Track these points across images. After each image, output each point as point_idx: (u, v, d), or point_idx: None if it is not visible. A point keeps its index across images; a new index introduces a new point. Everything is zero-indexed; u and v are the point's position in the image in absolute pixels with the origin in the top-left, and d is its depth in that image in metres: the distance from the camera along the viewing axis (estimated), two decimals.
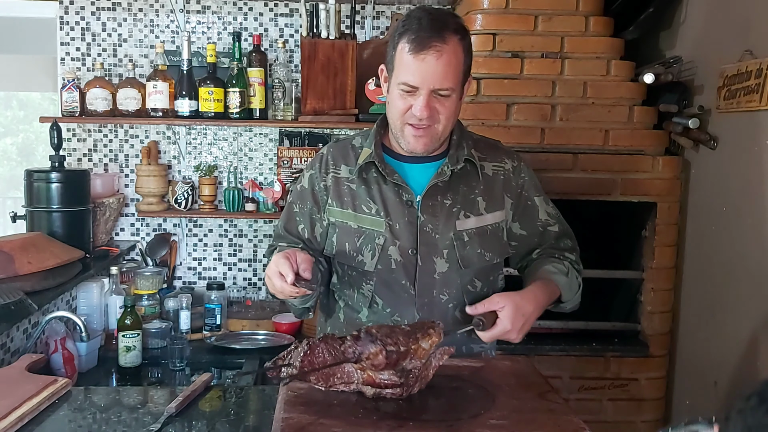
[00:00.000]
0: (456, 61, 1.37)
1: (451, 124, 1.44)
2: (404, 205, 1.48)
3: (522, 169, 1.57)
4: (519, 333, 1.36)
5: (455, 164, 1.48)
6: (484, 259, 1.50)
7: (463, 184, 1.50)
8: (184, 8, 2.85)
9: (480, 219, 1.50)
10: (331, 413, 1.07)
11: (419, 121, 1.39)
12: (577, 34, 2.33)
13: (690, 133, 2.24)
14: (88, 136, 2.89)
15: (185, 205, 2.77)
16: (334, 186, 1.54)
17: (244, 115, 2.64)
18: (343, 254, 1.52)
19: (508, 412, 1.10)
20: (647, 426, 2.39)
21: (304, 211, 1.57)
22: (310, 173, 1.58)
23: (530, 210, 1.57)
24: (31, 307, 1.81)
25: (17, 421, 1.32)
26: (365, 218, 1.50)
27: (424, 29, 1.36)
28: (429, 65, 1.35)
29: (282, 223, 1.62)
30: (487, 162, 1.54)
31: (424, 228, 1.48)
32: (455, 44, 1.37)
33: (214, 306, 2.59)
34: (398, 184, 1.48)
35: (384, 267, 1.48)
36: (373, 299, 1.51)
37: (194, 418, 1.42)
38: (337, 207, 1.53)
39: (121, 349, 2.21)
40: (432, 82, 1.36)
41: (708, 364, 2.17)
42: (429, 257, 1.48)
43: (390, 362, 1.09)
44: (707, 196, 2.24)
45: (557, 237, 1.59)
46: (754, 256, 1.93)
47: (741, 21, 2.02)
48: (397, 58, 1.41)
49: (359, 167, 1.50)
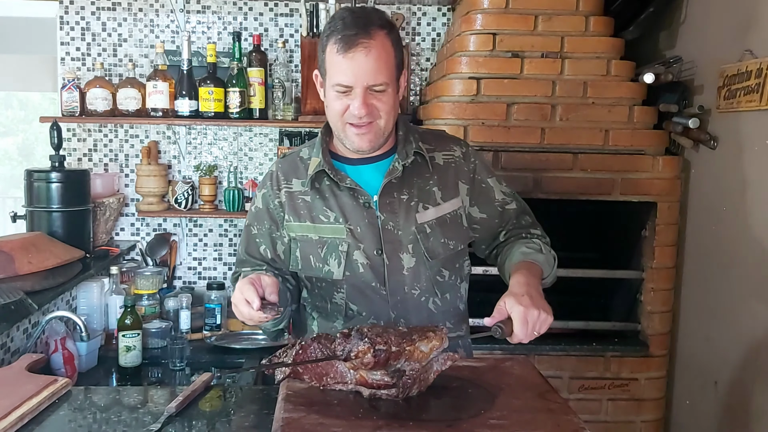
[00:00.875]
0: (386, 55, 1.37)
1: (392, 118, 1.44)
2: (362, 207, 1.48)
3: (471, 153, 1.59)
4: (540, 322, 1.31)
5: (405, 159, 1.48)
6: (448, 248, 1.51)
7: (416, 177, 1.51)
8: (184, 8, 2.85)
9: (438, 209, 1.51)
10: (331, 413, 1.07)
11: (359, 120, 1.39)
12: (577, 34, 2.33)
13: (690, 133, 2.24)
14: (88, 136, 2.89)
15: (185, 205, 2.77)
16: (289, 201, 1.53)
17: (244, 115, 2.64)
18: (308, 267, 1.52)
19: (508, 412, 1.10)
20: (647, 426, 2.39)
21: (263, 232, 1.56)
22: (263, 192, 1.57)
23: (486, 192, 1.58)
24: (31, 307, 1.80)
25: (17, 421, 1.32)
26: (325, 227, 1.49)
27: (348, 27, 1.36)
28: (359, 62, 1.35)
29: (243, 248, 1.61)
30: (436, 152, 1.55)
31: (386, 226, 1.47)
32: (382, 38, 1.37)
33: (214, 306, 2.59)
34: (352, 188, 1.47)
35: (352, 273, 1.48)
36: (347, 306, 1.50)
37: (194, 418, 1.42)
38: (295, 221, 1.52)
39: (121, 349, 2.21)
40: (365, 79, 1.36)
41: (708, 364, 2.17)
42: (395, 255, 1.48)
43: (379, 361, 1.08)
44: (707, 196, 2.24)
45: (517, 215, 1.60)
46: (754, 256, 1.93)
47: (741, 21, 2.02)
48: (327, 60, 1.40)
49: (310, 178, 1.50)
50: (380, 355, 1.08)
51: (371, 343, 1.08)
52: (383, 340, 1.09)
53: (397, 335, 1.12)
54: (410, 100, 2.88)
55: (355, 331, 1.12)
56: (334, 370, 1.12)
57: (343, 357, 1.10)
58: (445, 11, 2.93)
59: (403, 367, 1.11)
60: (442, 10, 2.92)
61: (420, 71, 2.94)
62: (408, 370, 1.11)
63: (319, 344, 1.13)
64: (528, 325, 1.29)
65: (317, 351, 1.13)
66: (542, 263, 1.50)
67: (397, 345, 1.10)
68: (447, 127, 2.26)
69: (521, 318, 1.29)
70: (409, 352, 1.11)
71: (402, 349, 1.10)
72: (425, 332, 1.14)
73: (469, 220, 1.57)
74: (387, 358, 1.09)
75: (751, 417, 1.94)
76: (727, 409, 2.06)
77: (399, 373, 1.11)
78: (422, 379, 1.13)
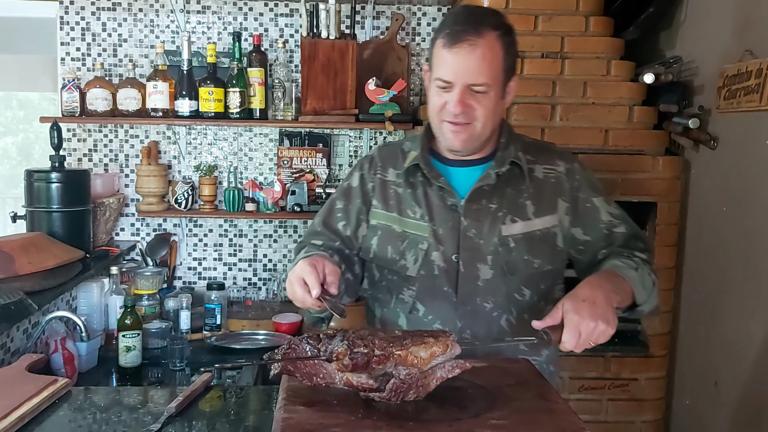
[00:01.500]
0: (491, 56, 1.33)
1: (491, 123, 1.39)
2: (448, 209, 1.44)
3: (577, 170, 1.50)
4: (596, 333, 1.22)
5: (500, 167, 1.43)
6: (531, 266, 1.44)
7: (510, 188, 1.45)
8: (184, 8, 2.85)
9: (528, 224, 1.44)
10: (331, 413, 1.07)
11: (455, 117, 1.36)
12: (577, 34, 2.33)
13: (690, 133, 2.24)
14: (88, 136, 2.89)
15: (185, 205, 2.77)
16: (381, 188, 1.51)
17: (244, 115, 2.64)
18: (383, 258, 1.49)
19: (508, 412, 1.10)
20: (647, 426, 2.39)
21: (349, 209, 1.53)
22: (360, 173, 1.54)
23: (591, 212, 1.48)
24: (31, 307, 1.80)
25: (17, 421, 1.32)
26: (410, 222, 1.47)
27: (458, 23, 1.34)
28: (462, 59, 1.32)
29: (320, 218, 1.56)
30: (537, 165, 1.48)
31: (467, 233, 1.43)
32: (491, 39, 1.33)
33: (214, 306, 2.59)
34: (443, 187, 1.44)
35: (427, 273, 1.44)
36: (414, 306, 1.47)
37: (194, 418, 1.42)
38: (381, 209, 1.50)
39: (121, 349, 2.21)
40: (465, 76, 1.33)
41: (708, 364, 2.17)
42: (472, 263, 1.43)
43: (358, 364, 1.07)
44: (707, 196, 2.24)
45: (626, 239, 1.48)
46: (754, 256, 1.93)
47: (741, 21, 2.02)
48: (434, 54, 1.38)
49: (406, 170, 1.48)
50: (358, 358, 1.07)
51: (350, 346, 1.08)
52: (365, 344, 1.08)
53: (386, 339, 1.11)
54: (410, 100, 2.88)
55: (340, 332, 1.12)
56: (323, 370, 1.12)
57: (326, 358, 1.10)
58: (445, 11, 2.92)
59: (394, 372, 1.10)
60: (442, 10, 2.92)
61: (420, 71, 2.94)
62: (404, 375, 1.10)
63: (308, 343, 1.13)
64: (580, 335, 1.21)
65: (306, 350, 1.12)
66: (632, 280, 1.36)
67: (382, 349, 1.08)
68: None
69: (574, 328, 1.21)
70: (400, 356, 1.09)
71: (388, 353, 1.08)
72: (423, 338, 1.12)
73: (572, 242, 1.49)
74: (367, 361, 1.08)
75: (751, 417, 1.94)
76: (727, 409, 2.06)
77: (386, 377, 1.09)
78: (421, 385, 1.12)
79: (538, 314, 1.34)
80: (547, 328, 1.25)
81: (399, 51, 2.82)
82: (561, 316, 1.24)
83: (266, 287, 2.96)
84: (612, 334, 1.24)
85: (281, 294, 2.92)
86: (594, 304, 1.24)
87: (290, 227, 2.99)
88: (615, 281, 1.34)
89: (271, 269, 3.00)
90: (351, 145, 2.96)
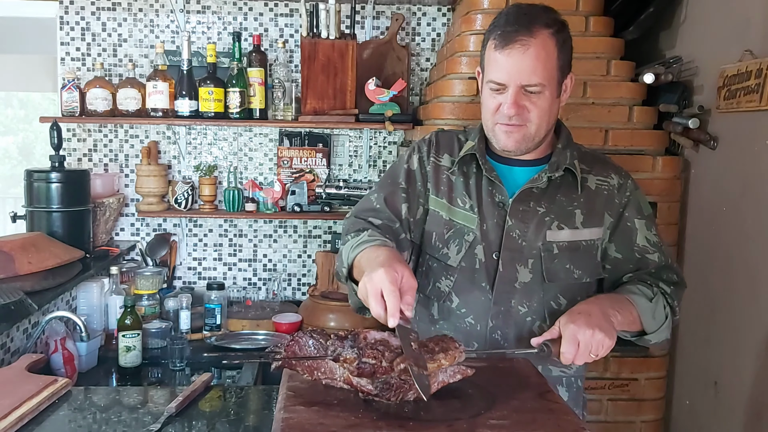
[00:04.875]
0: (545, 56, 1.31)
1: (546, 123, 1.37)
2: (496, 205, 1.43)
3: (628, 187, 1.46)
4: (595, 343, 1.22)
5: (554, 171, 1.40)
6: (572, 276, 1.42)
7: (561, 194, 1.43)
8: (184, 8, 2.85)
9: (575, 233, 1.42)
10: (331, 413, 1.07)
11: (509, 119, 1.34)
12: (577, 34, 2.30)
13: (690, 133, 2.24)
14: (88, 136, 2.89)
15: (185, 205, 2.77)
16: (434, 173, 1.49)
17: (244, 115, 2.64)
18: (427, 243, 1.48)
19: (508, 412, 1.10)
20: (647, 426, 2.39)
21: (410, 191, 1.49)
22: (419, 156, 1.51)
23: (627, 232, 1.45)
24: (31, 307, 1.80)
25: (17, 421, 1.32)
26: (458, 212, 1.45)
27: (510, 24, 1.31)
28: (514, 60, 1.30)
29: (382, 194, 1.48)
30: (591, 175, 1.45)
31: (511, 233, 1.41)
32: (545, 38, 1.31)
33: (214, 306, 2.59)
34: (494, 182, 1.43)
35: (468, 265, 1.43)
36: (449, 296, 1.46)
37: (194, 418, 1.42)
38: (432, 194, 1.48)
39: (121, 349, 2.21)
40: (519, 77, 1.30)
41: (708, 364, 2.17)
42: (512, 264, 1.41)
43: (363, 373, 1.08)
44: (707, 196, 2.24)
45: (658, 268, 1.45)
46: (754, 256, 1.93)
47: (741, 21, 2.02)
48: (486, 55, 1.37)
49: (460, 158, 1.46)
50: (364, 368, 1.07)
51: (359, 354, 1.08)
52: (374, 355, 1.08)
53: (395, 353, 1.08)
54: (410, 101, 2.88)
55: (353, 335, 1.12)
56: (325, 365, 1.12)
57: (333, 358, 1.10)
58: (445, 11, 2.93)
59: (393, 380, 1.10)
60: (442, 10, 2.92)
61: (420, 71, 2.94)
62: (406, 376, 1.10)
63: (313, 339, 1.13)
64: (578, 345, 1.22)
65: (309, 345, 1.12)
66: (642, 307, 1.35)
67: (390, 361, 1.08)
68: (447, 127, 2.25)
69: (571, 337, 1.22)
70: (406, 371, 1.08)
71: (395, 366, 1.08)
72: (434, 353, 1.11)
73: (604, 256, 1.47)
74: (372, 372, 1.08)
75: (751, 417, 1.94)
76: (727, 409, 2.06)
77: (386, 385, 1.09)
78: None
79: None
80: (548, 342, 1.26)
81: (399, 51, 2.82)
82: (558, 331, 1.26)
83: (266, 287, 2.96)
84: (611, 346, 1.25)
85: (281, 294, 2.93)
86: (590, 316, 1.26)
87: (290, 227, 2.99)
88: (618, 302, 1.35)
89: (271, 269, 3.00)
90: (351, 145, 2.96)
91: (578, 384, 1.54)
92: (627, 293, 1.39)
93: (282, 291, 2.96)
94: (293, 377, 1.18)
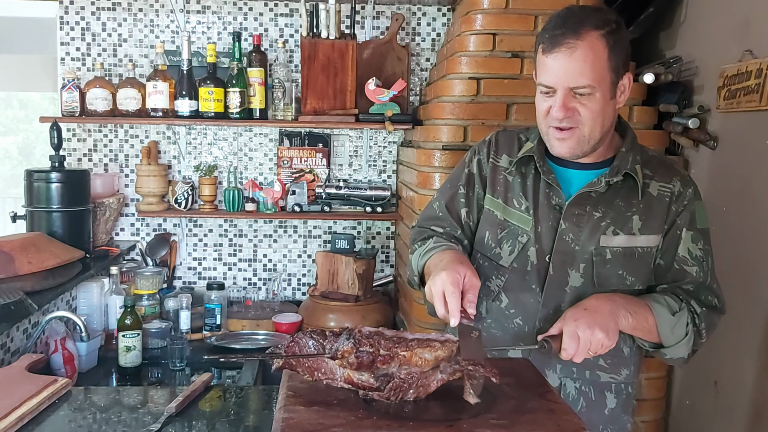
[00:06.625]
0: (593, 57, 1.29)
1: (599, 125, 1.34)
2: (551, 208, 1.42)
3: (687, 196, 1.42)
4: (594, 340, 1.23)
5: (614, 176, 1.38)
6: (624, 283, 1.40)
7: (620, 199, 1.40)
8: (184, 8, 2.85)
9: (631, 239, 1.39)
10: (331, 413, 1.07)
11: (559, 122, 1.33)
12: None
13: (690, 133, 2.24)
14: (88, 136, 2.89)
15: (185, 205, 2.77)
16: (491, 173, 1.50)
17: (244, 115, 2.64)
18: (480, 242, 1.49)
19: (508, 412, 1.10)
20: (647, 426, 2.38)
21: (470, 196, 1.52)
22: (478, 158, 1.53)
23: (674, 240, 1.42)
24: (31, 307, 1.81)
25: (17, 421, 1.32)
26: (513, 213, 1.45)
27: (558, 26, 1.31)
28: (561, 63, 1.30)
29: (443, 201, 1.53)
30: (654, 181, 1.42)
31: (564, 236, 1.40)
32: (594, 39, 1.29)
33: (214, 306, 2.59)
34: (551, 184, 1.42)
35: (519, 266, 1.43)
36: (499, 296, 1.46)
37: (194, 418, 1.42)
38: (488, 194, 1.49)
39: (121, 349, 2.21)
40: (566, 80, 1.30)
41: (708, 364, 2.17)
42: (563, 268, 1.40)
43: (363, 363, 1.08)
44: (707, 196, 2.22)
45: (696, 285, 1.41)
46: (754, 255, 1.93)
47: (741, 21, 2.02)
48: (536, 59, 1.37)
49: (519, 159, 1.46)
50: (363, 356, 1.08)
51: (356, 344, 1.08)
52: (371, 343, 1.09)
53: (392, 340, 1.11)
54: (410, 101, 2.88)
55: (347, 330, 1.13)
56: (325, 365, 1.13)
57: (330, 355, 1.10)
58: (445, 11, 2.93)
59: (395, 372, 1.10)
60: (442, 10, 2.92)
61: (420, 71, 2.94)
62: (404, 374, 1.11)
63: (312, 338, 1.13)
64: (578, 341, 1.22)
65: (309, 345, 1.13)
66: (661, 317, 1.34)
67: (388, 349, 1.09)
68: (447, 127, 2.26)
69: (572, 333, 1.23)
70: (405, 357, 1.09)
71: (393, 354, 1.09)
72: (429, 341, 1.13)
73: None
74: (372, 360, 1.08)
75: (751, 417, 1.94)
76: (727, 409, 2.05)
77: (387, 377, 1.10)
78: (421, 385, 1.12)
79: (623, 333, 1.35)
80: (550, 338, 1.27)
81: (399, 51, 2.82)
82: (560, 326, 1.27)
83: (266, 287, 2.96)
84: (611, 346, 1.26)
85: (281, 294, 2.93)
86: (595, 313, 1.26)
87: (290, 227, 2.99)
88: (636, 305, 1.34)
89: (271, 269, 3.00)
90: (351, 145, 2.96)
91: (629, 390, 1.51)
92: (650, 300, 1.37)
93: (282, 291, 2.96)
94: (293, 377, 1.18)
